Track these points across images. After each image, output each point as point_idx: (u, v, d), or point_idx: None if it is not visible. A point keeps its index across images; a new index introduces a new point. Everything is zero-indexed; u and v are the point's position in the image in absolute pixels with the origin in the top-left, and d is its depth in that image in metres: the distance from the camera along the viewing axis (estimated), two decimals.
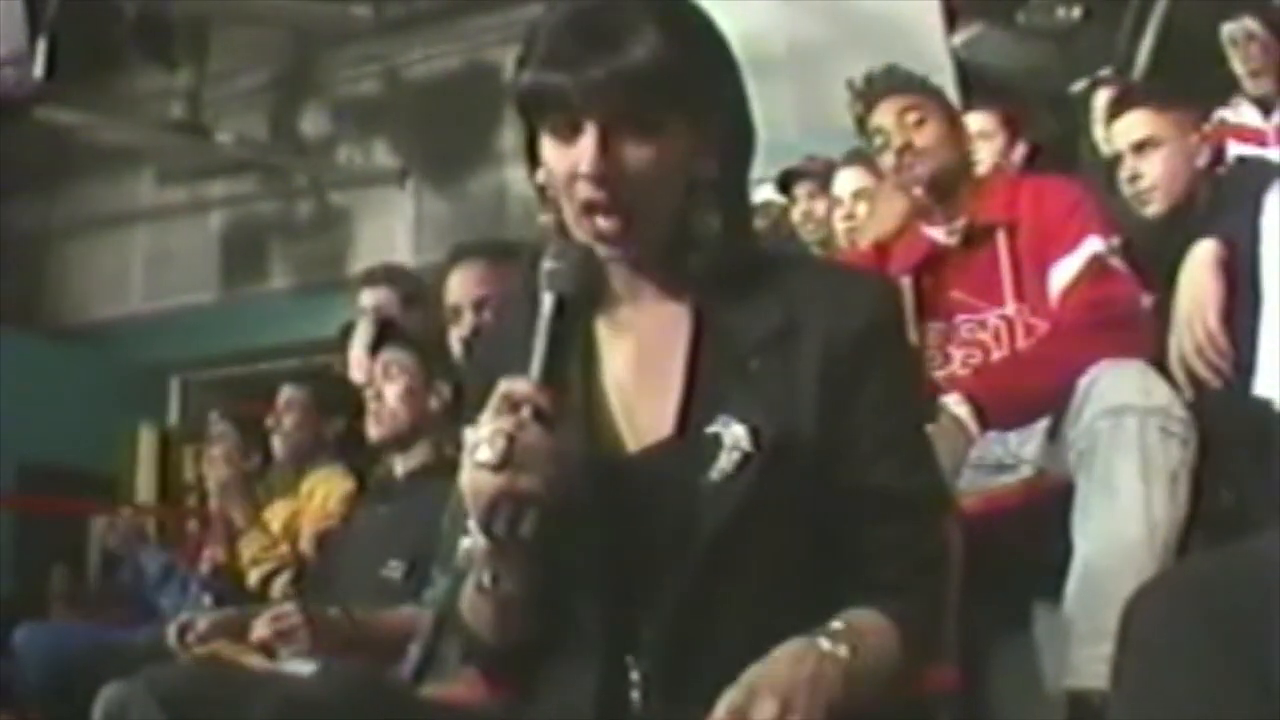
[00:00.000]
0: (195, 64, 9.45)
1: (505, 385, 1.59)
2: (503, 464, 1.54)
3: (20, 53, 8.07)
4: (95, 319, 9.86)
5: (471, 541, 1.63)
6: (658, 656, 1.69)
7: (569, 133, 1.69)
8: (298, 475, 4.95)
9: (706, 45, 1.81)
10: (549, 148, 1.72)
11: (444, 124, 8.66)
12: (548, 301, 1.64)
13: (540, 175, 1.78)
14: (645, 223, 1.72)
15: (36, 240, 10.05)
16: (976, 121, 5.27)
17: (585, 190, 1.68)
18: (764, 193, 5.63)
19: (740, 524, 1.67)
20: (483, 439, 1.55)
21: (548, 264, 1.66)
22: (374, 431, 3.86)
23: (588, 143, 1.66)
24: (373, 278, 5.49)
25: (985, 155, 5.15)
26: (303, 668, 3.38)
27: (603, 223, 1.70)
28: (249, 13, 9.03)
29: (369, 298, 5.31)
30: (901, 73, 3.62)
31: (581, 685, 1.72)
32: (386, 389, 3.80)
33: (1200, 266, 3.05)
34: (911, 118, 3.51)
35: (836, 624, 1.60)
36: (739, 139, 1.84)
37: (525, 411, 1.56)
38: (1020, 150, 5.25)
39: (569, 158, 1.69)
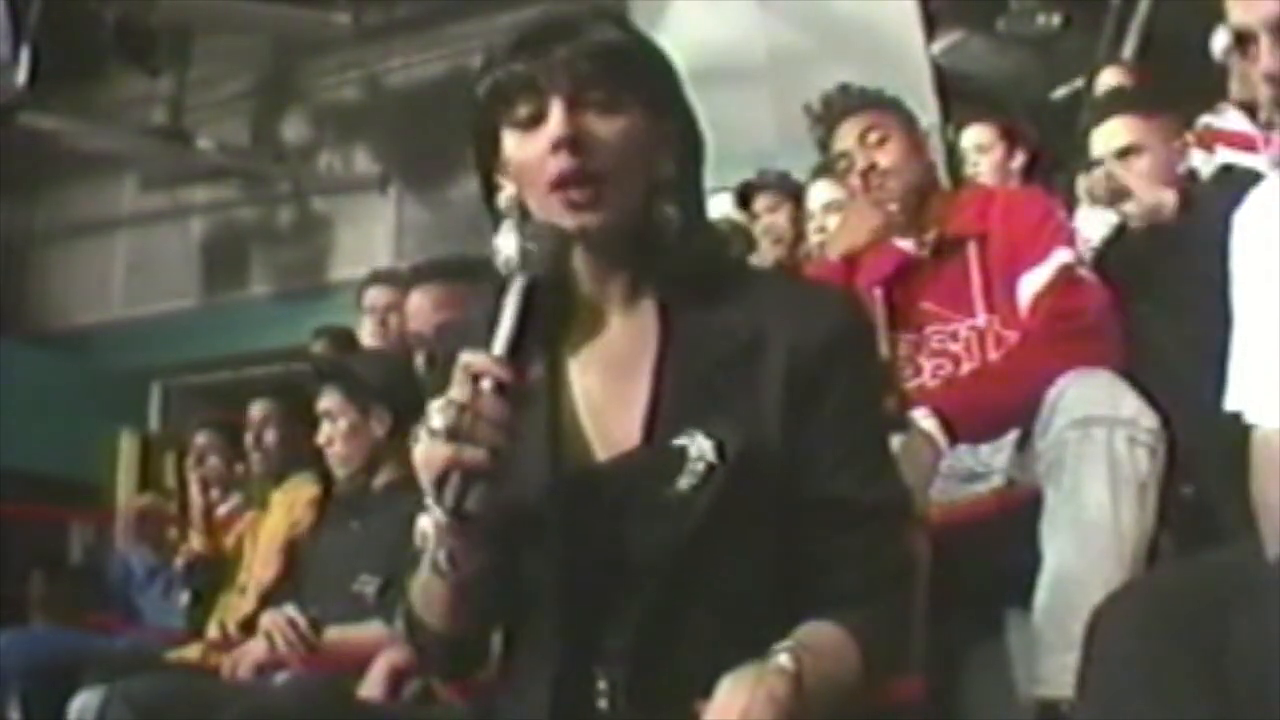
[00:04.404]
0: (177, 70, 9.45)
1: (466, 357, 1.60)
2: (453, 434, 1.55)
3: (3, 59, 8.06)
4: (76, 324, 9.85)
5: (428, 521, 1.65)
6: (624, 666, 1.70)
7: (532, 122, 1.73)
8: (277, 484, 4.97)
9: (653, 49, 1.86)
10: (513, 144, 1.76)
11: (425, 130, 8.64)
12: (519, 280, 1.65)
13: (502, 197, 1.81)
14: (614, 195, 1.74)
15: (18, 245, 10.04)
16: (974, 135, 5.33)
17: (557, 162, 1.71)
18: (723, 203, 5.65)
19: (706, 536, 1.68)
20: (437, 408, 1.57)
21: (525, 245, 1.67)
22: (339, 473, 3.93)
23: (556, 114, 1.71)
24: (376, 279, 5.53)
25: (984, 167, 5.18)
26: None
27: (575, 193, 1.72)
28: (230, 20, 9.02)
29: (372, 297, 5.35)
30: (857, 91, 3.60)
31: (545, 693, 1.73)
32: (333, 433, 3.86)
33: None
34: (873, 137, 3.49)
35: (786, 641, 1.60)
36: (691, 143, 1.87)
37: (485, 384, 1.57)
38: (1019, 159, 5.29)
39: (536, 141, 1.73)
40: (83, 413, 8.90)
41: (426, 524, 1.65)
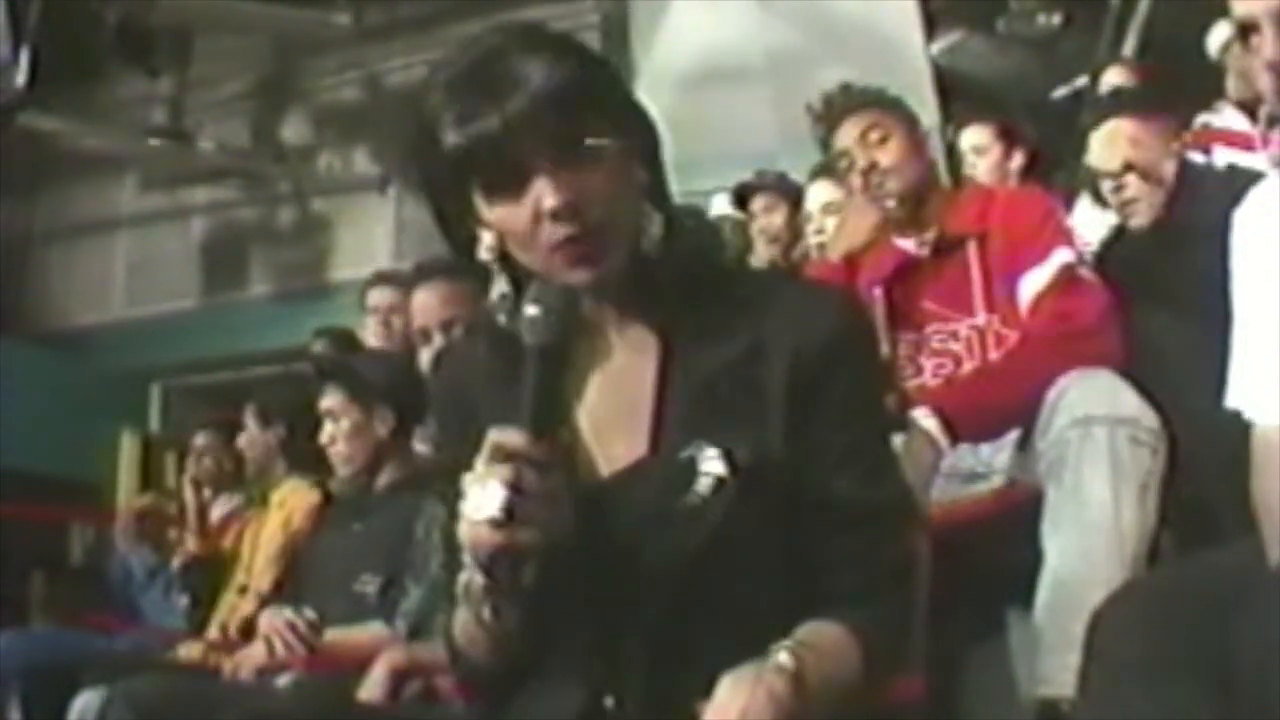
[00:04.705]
0: (177, 71, 9.43)
1: (497, 436, 1.56)
2: (505, 519, 1.53)
3: (3, 60, 8.06)
4: (77, 325, 9.83)
5: (469, 577, 1.63)
6: (634, 672, 1.70)
7: (514, 187, 1.67)
8: (268, 483, 4.99)
9: (592, 58, 1.81)
10: (494, 211, 1.70)
11: None
12: (532, 351, 1.62)
13: (483, 249, 1.75)
14: (617, 239, 1.71)
15: (18, 246, 10.01)
16: (971, 136, 5.32)
17: (556, 230, 1.66)
18: (721, 204, 5.66)
19: (717, 547, 1.67)
20: (481, 494, 1.54)
21: (530, 310, 1.63)
22: (342, 472, 3.92)
23: (543, 183, 1.65)
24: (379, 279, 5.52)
25: (982, 169, 5.18)
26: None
27: (581, 250, 1.68)
28: (230, 20, 9.01)
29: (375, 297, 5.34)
30: (858, 90, 3.60)
31: (561, 705, 1.72)
32: (336, 433, 3.85)
33: None
34: (874, 136, 3.49)
35: (786, 641, 1.60)
36: (650, 138, 1.83)
37: (521, 464, 1.55)
38: (1017, 159, 5.28)
39: (523, 208, 1.67)
40: (83, 413, 8.89)
41: (466, 579, 1.64)
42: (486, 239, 1.74)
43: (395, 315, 5.04)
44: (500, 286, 1.76)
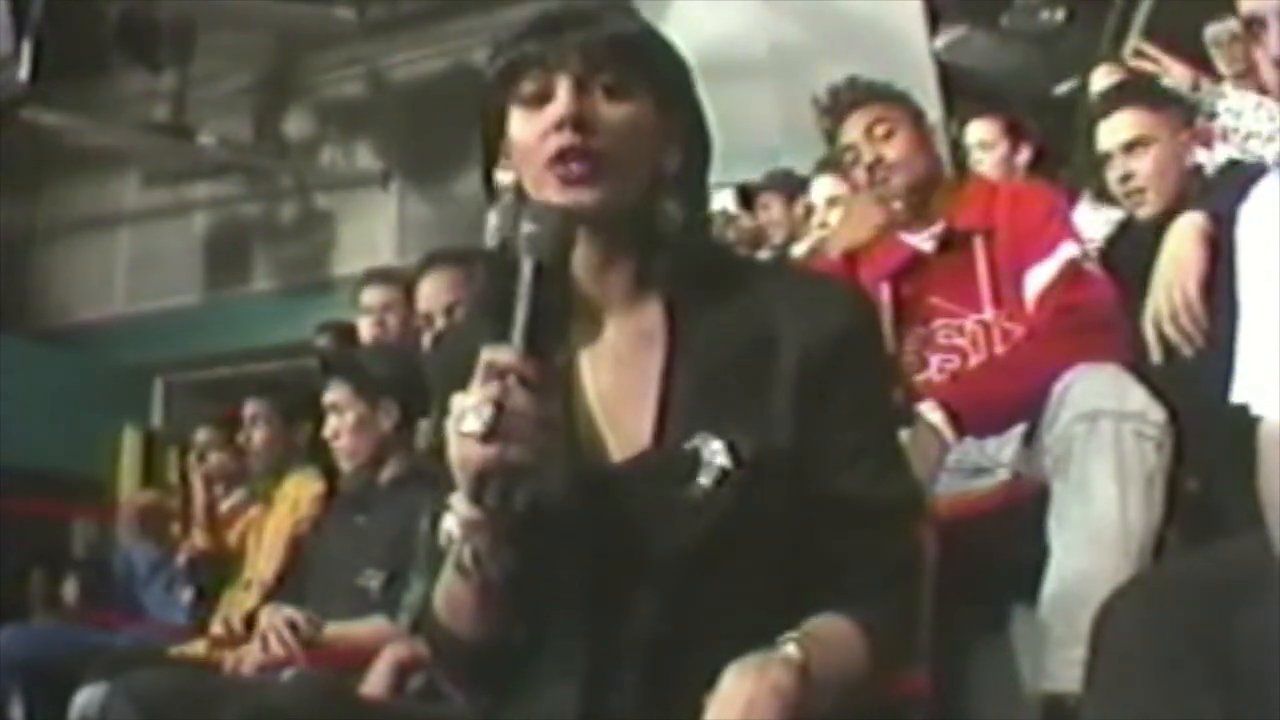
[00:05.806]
0: (179, 66, 9.41)
1: (489, 354, 1.55)
2: (491, 434, 1.51)
3: (5, 55, 8.06)
4: (79, 321, 9.85)
5: (453, 520, 1.61)
6: (638, 668, 1.69)
7: (539, 100, 1.72)
8: (276, 481, 4.98)
9: (667, 43, 1.85)
10: (518, 123, 1.75)
11: (427, 126, 8.65)
12: (527, 267, 1.60)
13: (501, 171, 1.79)
14: (613, 176, 1.72)
15: (20, 242, 10.04)
16: (977, 132, 5.31)
17: (558, 139, 1.69)
18: (724, 200, 5.66)
19: (719, 539, 1.67)
20: (469, 408, 1.53)
21: (526, 227, 1.63)
22: (345, 466, 3.92)
23: (562, 93, 1.70)
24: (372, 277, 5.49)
25: (988, 165, 5.17)
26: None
27: (575, 167, 1.70)
28: (233, 15, 9.02)
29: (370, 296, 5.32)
30: (864, 84, 3.59)
31: (563, 694, 1.71)
32: (340, 427, 3.85)
33: (1185, 236, 3.05)
34: (880, 130, 3.49)
35: (793, 633, 1.59)
36: (699, 139, 1.85)
37: (511, 380, 1.53)
38: (1025, 155, 5.28)
39: (540, 119, 1.72)
40: (86, 409, 8.91)
41: (451, 524, 1.62)
42: (507, 176, 1.79)
43: (389, 313, 5.03)
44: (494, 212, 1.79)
